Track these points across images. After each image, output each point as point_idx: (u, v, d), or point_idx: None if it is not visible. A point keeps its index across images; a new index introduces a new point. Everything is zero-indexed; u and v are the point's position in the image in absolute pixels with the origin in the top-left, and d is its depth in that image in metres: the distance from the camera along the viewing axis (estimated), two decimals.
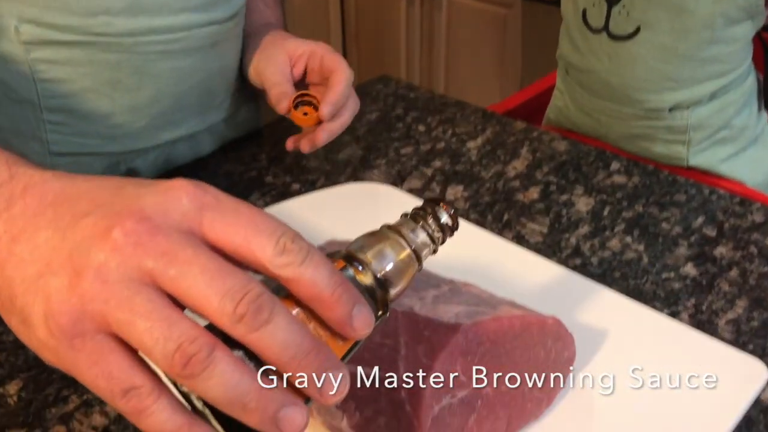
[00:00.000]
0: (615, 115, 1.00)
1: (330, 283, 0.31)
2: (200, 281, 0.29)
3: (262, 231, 0.31)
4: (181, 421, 0.29)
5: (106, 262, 0.29)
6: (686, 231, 0.67)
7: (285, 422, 0.30)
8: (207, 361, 0.28)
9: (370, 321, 0.32)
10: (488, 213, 0.70)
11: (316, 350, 0.30)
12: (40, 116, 0.66)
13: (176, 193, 0.31)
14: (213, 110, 0.77)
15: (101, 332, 0.29)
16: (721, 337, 0.54)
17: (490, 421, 0.43)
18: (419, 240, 0.35)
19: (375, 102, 0.93)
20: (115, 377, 0.29)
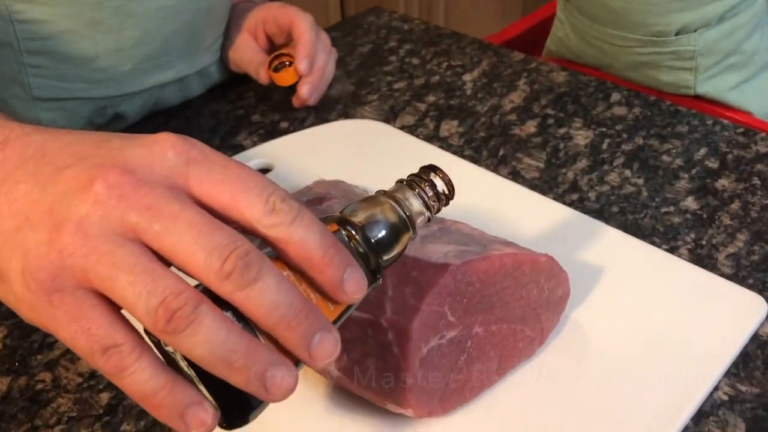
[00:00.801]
0: (619, 42, 0.96)
1: (321, 244, 0.30)
2: (186, 237, 0.28)
3: (251, 189, 0.29)
4: (164, 381, 0.28)
5: (88, 216, 0.28)
6: (687, 163, 0.65)
7: (273, 383, 0.28)
8: (192, 316, 0.27)
9: (362, 285, 0.31)
10: (483, 148, 0.68)
11: (307, 311, 0.29)
12: (21, 59, 0.63)
13: (162, 147, 0.30)
14: (202, 53, 0.74)
15: (81, 288, 0.28)
16: (721, 271, 0.53)
17: (481, 362, 0.42)
18: (414, 207, 0.34)
19: (367, 35, 0.90)
20: (94, 334, 0.28)
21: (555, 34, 1.07)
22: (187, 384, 0.29)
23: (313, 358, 0.29)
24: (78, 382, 0.47)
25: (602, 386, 0.44)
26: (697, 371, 0.44)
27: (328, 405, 0.43)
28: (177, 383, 0.28)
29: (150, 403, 0.28)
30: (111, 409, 0.45)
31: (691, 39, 0.92)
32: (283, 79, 0.72)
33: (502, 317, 0.43)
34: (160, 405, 0.28)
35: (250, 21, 0.76)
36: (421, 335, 0.39)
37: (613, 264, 0.52)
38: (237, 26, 0.76)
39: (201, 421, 0.28)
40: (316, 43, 0.71)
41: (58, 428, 0.44)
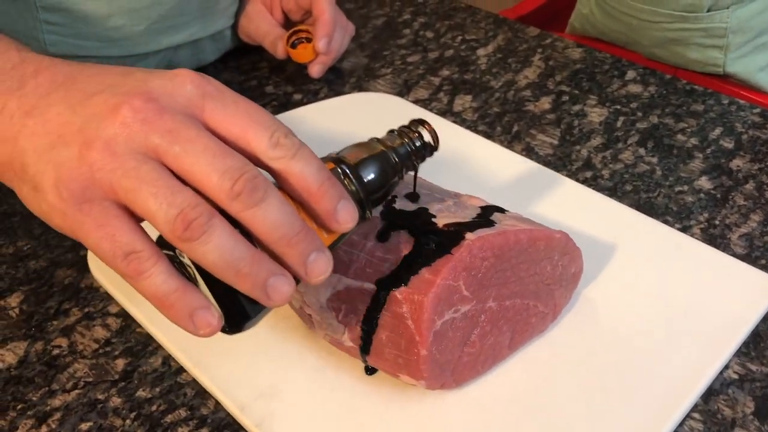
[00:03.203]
0: (647, 17, 0.94)
1: (318, 177, 0.33)
2: (202, 159, 0.31)
3: (259, 124, 0.32)
4: (176, 285, 0.31)
5: (115, 136, 0.31)
6: (702, 143, 0.65)
7: (273, 289, 0.32)
8: (206, 226, 0.30)
9: (354, 215, 0.34)
10: (497, 124, 0.68)
11: (305, 232, 0.32)
12: (36, 15, 0.63)
13: (182, 80, 0.33)
14: (216, 16, 0.74)
15: (108, 199, 0.31)
16: (733, 251, 0.53)
17: (494, 336, 0.43)
18: (402, 154, 0.39)
19: (381, 7, 0.89)
20: (118, 240, 0.31)
21: (579, 11, 1.06)
22: (196, 290, 0.32)
23: (309, 274, 0.33)
24: (94, 348, 0.47)
25: (613, 363, 0.44)
26: (707, 350, 0.45)
27: (341, 376, 0.44)
28: (188, 288, 0.32)
29: (163, 304, 0.31)
30: (127, 375, 0.45)
31: (723, 16, 0.90)
32: (300, 55, 0.72)
33: (516, 292, 0.43)
34: (173, 306, 0.31)
35: None
36: (436, 309, 0.39)
37: (625, 242, 0.52)
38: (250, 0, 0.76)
39: (208, 322, 0.32)
40: (336, 22, 0.71)
41: (74, 393, 0.44)
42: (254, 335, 0.46)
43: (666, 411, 0.41)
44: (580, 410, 0.42)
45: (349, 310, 0.41)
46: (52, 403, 0.44)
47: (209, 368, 0.44)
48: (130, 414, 0.43)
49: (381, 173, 0.37)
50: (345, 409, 0.42)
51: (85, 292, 0.51)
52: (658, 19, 0.93)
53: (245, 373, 0.44)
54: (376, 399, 0.43)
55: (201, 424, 0.43)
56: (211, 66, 0.78)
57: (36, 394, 0.44)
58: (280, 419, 0.42)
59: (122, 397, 0.44)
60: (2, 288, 0.52)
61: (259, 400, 0.42)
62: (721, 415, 0.42)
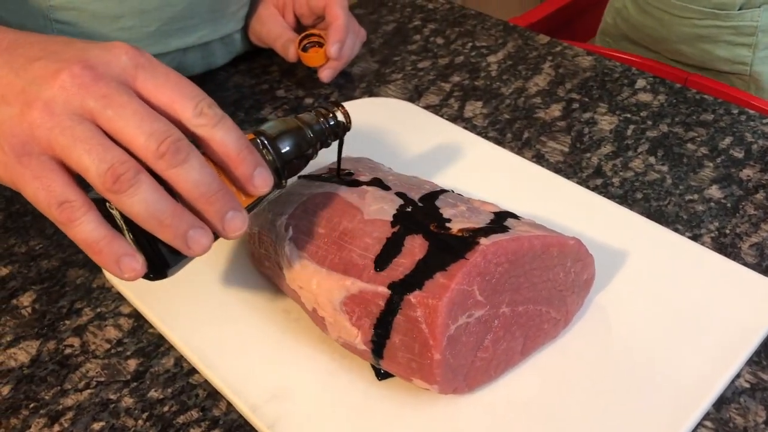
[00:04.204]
0: (679, 12, 0.94)
1: (237, 144, 0.36)
2: (131, 122, 0.34)
3: (186, 95, 0.36)
4: (104, 233, 0.35)
5: (54, 98, 0.34)
6: (712, 152, 0.65)
7: (193, 240, 0.35)
8: (133, 180, 0.33)
9: (268, 181, 0.38)
10: (507, 131, 0.68)
11: (223, 192, 0.36)
12: (47, 14, 0.64)
13: (118, 51, 0.36)
14: (226, 19, 0.74)
15: (45, 154, 0.34)
16: (744, 261, 0.53)
17: (506, 341, 0.43)
18: (317, 130, 0.43)
19: (391, 12, 0.89)
20: (52, 190, 0.34)
21: (612, 5, 1.07)
22: (123, 238, 0.35)
23: (225, 229, 0.36)
24: (106, 348, 0.47)
25: (624, 370, 0.44)
26: (718, 358, 0.45)
27: (353, 379, 0.44)
28: (115, 236, 0.35)
29: (92, 249, 0.34)
30: (139, 375, 0.46)
31: (754, 14, 0.91)
32: (312, 59, 0.72)
33: (529, 298, 0.43)
34: (101, 251, 0.34)
35: None
36: (450, 313, 0.39)
37: (637, 250, 0.52)
38: (262, 2, 0.76)
39: (132, 267, 0.35)
40: (349, 28, 0.71)
41: (86, 392, 0.45)
42: (267, 337, 0.46)
43: (678, 419, 0.41)
44: (592, 417, 0.42)
45: (363, 313, 0.41)
46: (64, 402, 0.44)
47: (221, 369, 0.44)
48: (143, 414, 0.43)
49: (296, 146, 0.41)
50: (357, 412, 0.42)
51: (97, 292, 0.51)
52: (690, 15, 0.94)
53: (257, 375, 0.44)
54: (389, 402, 0.43)
55: (213, 425, 0.43)
56: (221, 70, 0.78)
57: (48, 393, 0.45)
58: (292, 421, 0.42)
59: (134, 398, 0.44)
60: (15, 287, 0.52)
61: (272, 401, 0.43)
62: (733, 423, 0.42)
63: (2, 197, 0.60)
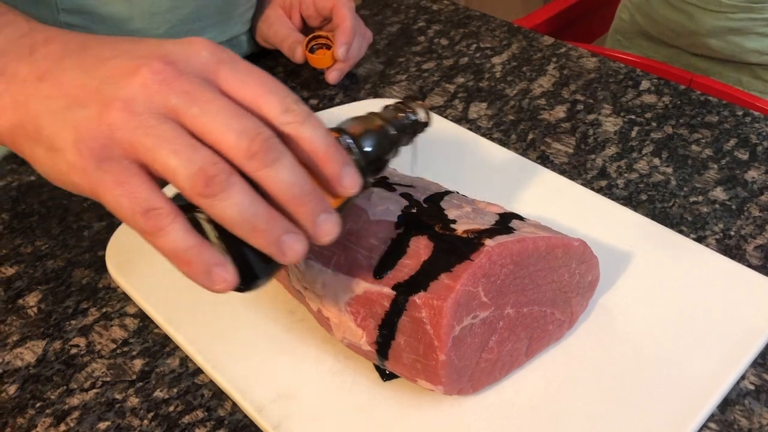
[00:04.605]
0: (712, 7, 0.96)
1: (325, 142, 0.34)
2: (219, 119, 0.31)
3: (271, 91, 0.33)
4: (194, 241, 0.32)
5: (135, 96, 0.31)
6: (717, 153, 0.65)
7: (288, 245, 0.32)
8: (225, 182, 0.31)
9: (357, 181, 0.35)
10: (512, 132, 0.68)
11: (315, 193, 0.33)
12: (57, 17, 0.64)
13: (197, 46, 0.34)
14: (233, 21, 0.74)
15: (127, 158, 0.32)
16: (749, 263, 0.53)
17: (511, 342, 0.43)
18: (398, 127, 0.41)
19: (396, 14, 0.90)
20: (137, 197, 0.31)
21: (631, 1, 1.07)
22: (213, 247, 0.33)
23: (317, 233, 0.34)
24: (111, 348, 0.48)
25: (629, 371, 0.44)
26: (723, 360, 0.45)
27: (358, 379, 0.44)
28: (204, 245, 0.32)
29: (181, 260, 0.32)
30: (144, 375, 0.46)
31: None
32: (319, 61, 0.72)
33: (534, 300, 0.43)
34: (190, 262, 0.32)
35: None
36: (455, 314, 0.39)
37: (641, 251, 0.52)
38: (270, 1, 0.76)
39: (223, 278, 0.32)
40: (356, 30, 0.72)
41: (92, 392, 0.45)
42: (272, 337, 0.46)
43: (682, 420, 0.41)
44: (596, 418, 0.42)
45: (368, 314, 0.41)
46: (70, 402, 0.44)
47: (227, 369, 0.44)
48: (148, 414, 0.43)
49: (379, 144, 0.39)
50: (362, 413, 0.42)
51: (103, 292, 0.52)
52: (723, 9, 0.95)
53: (263, 375, 0.44)
54: (394, 403, 0.43)
55: (218, 425, 0.43)
56: None
57: (54, 393, 0.45)
58: (297, 421, 0.42)
59: (140, 397, 0.44)
60: (21, 287, 0.52)
61: (277, 401, 0.43)
62: (737, 425, 0.42)
63: (8, 197, 0.60)
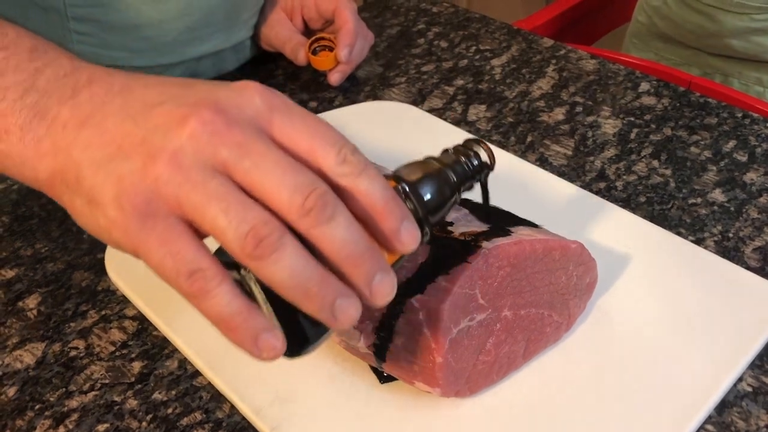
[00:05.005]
0: (735, 9, 0.97)
1: (384, 195, 0.32)
2: (273, 174, 0.30)
3: (327, 140, 0.31)
4: (241, 306, 0.30)
5: (182, 148, 0.30)
6: (716, 155, 0.65)
7: (341, 310, 0.30)
8: (278, 243, 0.29)
9: (416, 236, 0.33)
10: (511, 134, 0.68)
11: (372, 251, 0.31)
12: (67, 25, 0.64)
13: (250, 92, 0.32)
14: (239, 27, 0.74)
15: (173, 215, 0.30)
16: (747, 265, 0.53)
17: (508, 345, 0.43)
18: (461, 172, 0.38)
19: (396, 16, 0.90)
20: (182, 258, 0.29)
21: (647, 3, 1.07)
22: (261, 312, 0.31)
23: (373, 295, 0.31)
24: (110, 351, 0.48)
25: (626, 374, 0.44)
26: (721, 362, 0.45)
27: (356, 382, 0.44)
28: (252, 310, 0.30)
29: (227, 326, 0.30)
30: (143, 377, 0.46)
31: None
32: (321, 63, 0.73)
33: (531, 302, 0.43)
34: (237, 328, 0.30)
35: (287, 1, 0.77)
36: (452, 316, 0.39)
37: (639, 253, 0.52)
38: (272, 4, 0.77)
39: (272, 345, 0.30)
40: (358, 32, 0.72)
41: (91, 394, 0.45)
42: None
43: (680, 422, 0.41)
44: (593, 420, 0.42)
45: (366, 316, 0.41)
46: (69, 404, 0.44)
47: (225, 372, 0.45)
48: (146, 416, 0.44)
49: (440, 192, 0.37)
50: (360, 415, 0.42)
51: (102, 295, 0.52)
52: (746, 10, 0.97)
53: (261, 378, 0.44)
54: (391, 405, 0.43)
55: (216, 427, 0.43)
56: (228, 74, 0.78)
57: (53, 395, 0.45)
58: (295, 424, 0.42)
59: (138, 400, 0.44)
60: (20, 290, 0.52)
61: (275, 404, 0.43)
62: (734, 427, 0.42)
63: (8, 200, 0.61)
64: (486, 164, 0.40)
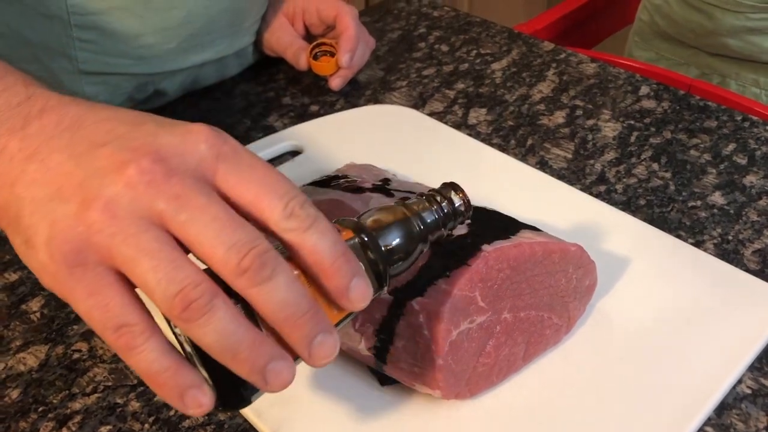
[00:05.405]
0: (732, 7, 0.98)
1: (332, 252, 0.31)
2: (209, 229, 0.29)
3: (274, 191, 0.30)
4: (168, 363, 0.29)
5: (118, 197, 0.29)
6: (715, 158, 0.65)
7: (272, 375, 0.30)
8: (206, 307, 0.28)
9: (367, 294, 0.32)
10: (511, 137, 0.68)
11: (312, 312, 0.30)
12: (70, 33, 0.64)
13: (195, 138, 0.30)
14: (242, 34, 0.75)
15: (102, 265, 0.29)
16: (747, 267, 0.53)
17: (508, 347, 0.43)
18: (430, 221, 0.36)
19: (397, 20, 0.90)
20: (110, 311, 0.29)
21: (650, 1, 1.08)
22: (189, 367, 0.30)
23: (312, 357, 0.31)
24: (113, 353, 0.48)
25: (626, 375, 0.44)
26: (720, 364, 0.45)
27: (356, 384, 0.44)
28: (180, 366, 0.30)
29: (154, 381, 0.30)
30: None
31: None
32: (322, 68, 0.73)
33: (531, 304, 0.43)
34: (164, 384, 0.29)
35: (288, 6, 0.77)
36: (452, 319, 0.40)
37: (639, 256, 0.53)
38: (274, 9, 0.77)
39: (199, 402, 0.30)
40: (360, 38, 0.72)
41: (94, 396, 0.45)
42: None
43: (679, 424, 0.42)
44: (593, 422, 0.42)
45: (366, 319, 0.42)
46: (72, 406, 0.45)
47: None
48: (149, 418, 0.44)
49: (404, 242, 0.35)
50: (360, 417, 0.43)
51: None
52: (743, 10, 0.97)
53: None
54: (392, 408, 0.43)
55: (218, 429, 0.43)
56: (229, 79, 0.79)
57: (57, 397, 0.45)
58: (296, 426, 0.42)
59: (141, 402, 0.45)
60: (24, 292, 0.53)
61: (276, 406, 0.43)
62: (734, 429, 0.43)
63: None
64: (459, 213, 0.37)
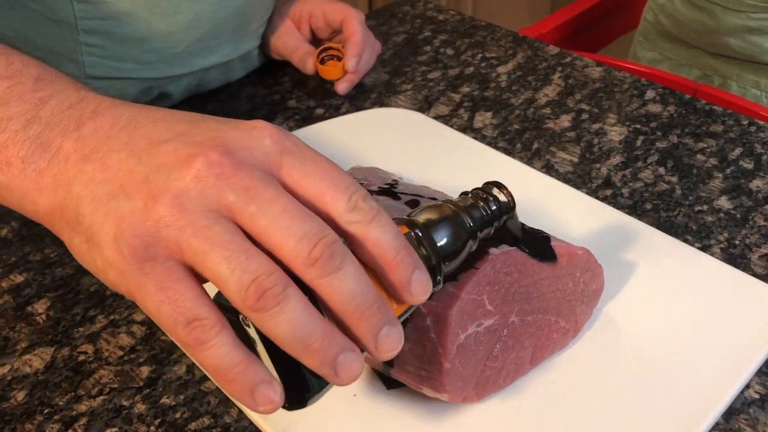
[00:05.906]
0: (733, 6, 0.98)
1: (394, 244, 0.31)
2: (280, 221, 0.28)
3: (338, 185, 0.30)
4: (239, 358, 0.29)
5: (186, 190, 0.29)
6: (722, 163, 0.65)
7: (343, 367, 0.29)
8: (281, 296, 0.28)
9: (427, 287, 0.32)
10: (517, 141, 0.68)
11: (379, 303, 0.30)
12: (77, 38, 0.64)
13: (260, 133, 0.31)
14: (247, 37, 0.75)
15: (172, 259, 0.29)
16: (754, 272, 0.53)
17: (516, 350, 0.43)
18: (478, 218, 0.37)
19: (402, 24, 0.90)
20: (180, 305, 0.28)
21: (655, 1, 1.09)
22: (259, 363, 0.30)
23: (379, 349, 0.30)
24: (119, 355, 0.48)
25: (633, 380, 0.44)
26: (728, 369, 0.45)
27: (364, 387, 0.44)
28: (251, 361, 0.29)
29: (224, 377, 0.29)
30: (151, 382, 0.46)
31: None
32: (329, 72, 0.73)
33: (538, 308, 0.43)
34: (234, 380, 0.29)
35: (295, 10, 0.77)
36: (459, 322, 0.39)
37: (645, 260, 0.53)
38: (280, 13, 0.77)
39: (269, 399, 0.29)
40: (366, 42, 0.73)
41: (100, 398, 0.45)
42: None
43: (687, 429, 0.41)
44: (600, 426, 0.42)
45: None
46: (78, 408, 0.45)
47: None
48: (155, 421, 0.44)
49: (455, 237, 0.35)
50: (367, 422, 0.42)
51: (111, 300, 0.52)
52: (744, 9, 0.98)
53: None
54: (399, 411, 0.43)
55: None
56: (235, 82, 0.79)
57: (62, 399, 0.45)
58: (302, 429, 0.42)
59: (147, 404, 0.45)
60: (30, 294, 0.53)
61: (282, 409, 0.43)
62: None
63: None
64: (506, 208, 0.38)
